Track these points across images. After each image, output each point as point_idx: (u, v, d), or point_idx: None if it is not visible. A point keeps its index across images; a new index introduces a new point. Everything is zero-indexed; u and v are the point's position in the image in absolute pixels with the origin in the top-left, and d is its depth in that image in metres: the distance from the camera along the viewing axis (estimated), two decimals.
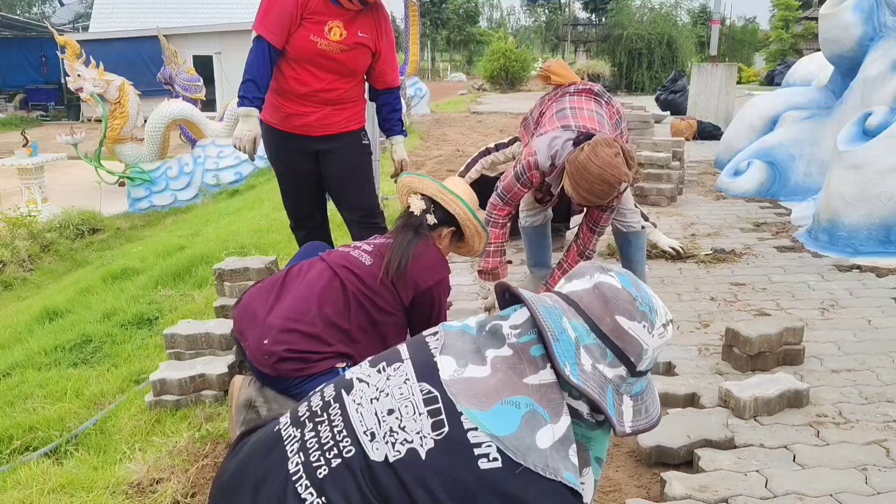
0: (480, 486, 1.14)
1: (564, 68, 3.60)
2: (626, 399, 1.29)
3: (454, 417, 1.19)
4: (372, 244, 2.36)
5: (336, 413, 1.30)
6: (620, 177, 2.74)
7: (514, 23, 56.84)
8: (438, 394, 1.24)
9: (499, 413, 1.19)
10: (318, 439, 1.28)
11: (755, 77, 26.31)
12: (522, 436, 1.17)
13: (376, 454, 1.21)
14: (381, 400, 1.27)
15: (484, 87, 25.96)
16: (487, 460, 1.15)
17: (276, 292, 2.25)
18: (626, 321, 1.27)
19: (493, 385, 1.23)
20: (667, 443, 2.24)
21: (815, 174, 5.58)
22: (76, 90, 9.61)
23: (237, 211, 7.62)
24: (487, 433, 1.17)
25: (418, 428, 1.21)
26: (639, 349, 1.28)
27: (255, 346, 2.14)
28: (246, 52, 3.01)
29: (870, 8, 5.35)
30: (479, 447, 1.16)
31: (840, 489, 2.02)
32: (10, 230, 7.52)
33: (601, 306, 1.28)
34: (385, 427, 1.23)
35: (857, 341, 3.07)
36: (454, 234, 2.46)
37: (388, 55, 3.22)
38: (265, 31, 2.95)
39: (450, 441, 1.18)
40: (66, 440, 2.59)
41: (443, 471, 1.16)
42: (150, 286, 4.52)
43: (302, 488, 1.23)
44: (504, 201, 3.17)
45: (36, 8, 46.57)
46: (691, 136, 9.17)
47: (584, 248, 3.22)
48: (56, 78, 21.83)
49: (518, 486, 1.14)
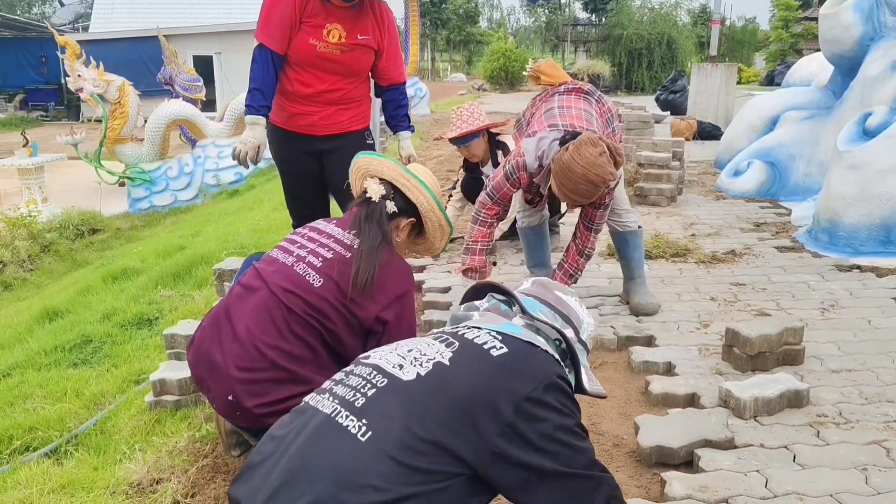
0: (497, 367, 1.41)
1: (554, 68, 3.60)
2: (583, 359, 1.60)
3: (461, 337, 1.49)
4: (320, 256, 2.01)
5: (361, 367, 1.48)
6: (605, 176, 2.73)
7: (513, 23, 56.85)
8: (444, 333, 1.53)
9: (506, 326, 1.52)
10: (349, 385, 1.44)
11: (755, 77, 26.31)
12: (527, 334, 1.51)
13: (408, 375, 1.40)
14: (398, 348, 1.51)
15: (484, 87, 25.96)
16: (497, 350, 1.44)
17: (224, 329, 1.97)
18: (563, 295, 1.67)
19: (490, 318, 1.57)
20: (667, 443, 2.24)
21: (815, 174, 5.58)
22: (76, 90, 9.60)
23: (237, 211, 7.63)
24: (502, 332, 1.48)
25: (436, 350, 1.46)
26: (577, 317, 1.64)
27: (222, 401, 1.93)
28: (246, 53, 3.02)
29: (870, 8, 5.35)
30: (486, 343, 1.45)
31: (840, 489, 2.02)
32: (10, 230, 7.52)
33: (542, 288, 1.67)
34: (409, 357, 1.45)
35: (857, 341, 3.07)
36: (413, 226, 2.18)
37: (392, 52, 3.19)
38: (266, 39, 2.96)
39: (463, 347, 1.45)
40: (66, 440, 2.59)
41: (465, 367, 1.41)
42: (150, 286, 4.52)
43: (342, 418, 1.36)
44: (493, 200, 3.17)
45: (36, 8, 46.58)
46: (691, 136, 9.17)
47: (582, 247, 3.22)
48: (56, 78, 21.84)
49: (529, 359, 1.45)
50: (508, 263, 4.24)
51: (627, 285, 3.53)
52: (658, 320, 3.32)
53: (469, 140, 4.28)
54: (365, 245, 2.00)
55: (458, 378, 1.38)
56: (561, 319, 1.59)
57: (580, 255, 3.22)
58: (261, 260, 2.13)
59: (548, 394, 1.38)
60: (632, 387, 2.74)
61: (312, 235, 2.10)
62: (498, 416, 1.33)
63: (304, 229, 2.17)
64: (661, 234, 4.66)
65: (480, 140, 4.31)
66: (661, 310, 3.42)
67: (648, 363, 2.87)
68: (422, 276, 3.95)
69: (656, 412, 2.49)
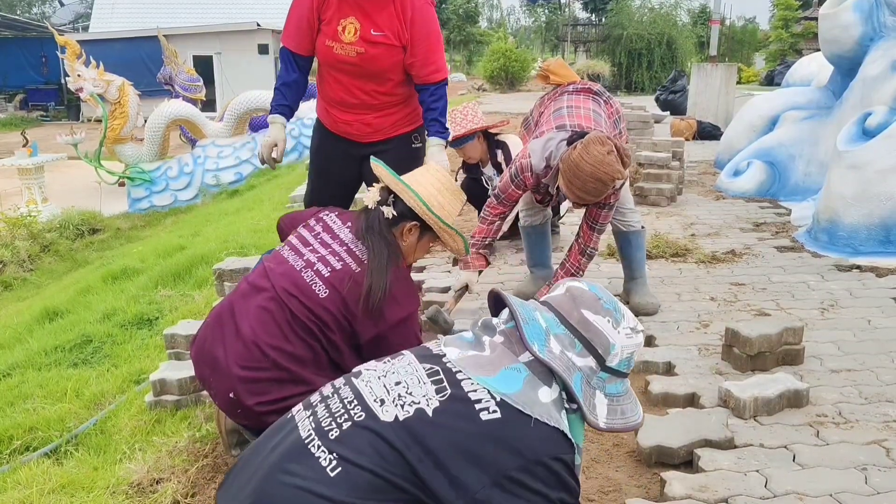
0: (483, 435, 1.30)
1: (564, 67, 3.60)
2: (600, 395, 1.43)
3: (455, 382, 1.37)
4: (329, 265, 2.01)
5: (346, 390, 1.44)
6: (613, 174, 2.74)
7: (513, 23, 56.81)
8: (440, 368, 1.40)
9: (504, 376, 1.37)
10: (329, 410, 1.41)
11: (755, 77, 26.29)
12: (527, 392, 1.35)
13: (386, 415, 1.34)
14: (387, 377, 1.42)
15: (484, 87, 25.92)
16: (488, 413, 1.31)
17: (228, 327, 2.01)
18: (591, 314, 1.44)
19: (494, 357, 1.41)
20: (667, 443, 2.24)
21: (814, 174, 5.58)
22: (76, 90, 9.62)
23: (237, 211, 7.63)
24: (497, 392, 1.33)
25: (423, 392, 1.36)
26: (605, 342, 1.42)
27: (224, 399, 1.97)
28: (246, 53, 3.02)
29: (869, 8, 5.35)
30: (479, 402, 1.33)
31: (840, 489, 2.02)
32: (10, 230, 7.53)
33: (569, 303, 1.46)
34: (393, 394, 1.38)
35: (856, 341, 3.07)
36: (421, 229, 2.16)
37: (421, 46, 2.87)
38: (285, 40, 2.93)
39: (453, 399, 1.34)
40: (66, 440, 2.60)
41: (448, 424, 1.31)
42: (150, 286, 4.52)
43: (314, 448, 1.34)
44: (499, 201, 3.21)
45: (36, 8, 46.55)
46: (691, 136, 9.16)
47: (585, 247, 3.22)
48: (56, 78, 21.83)
49: (520, 432, 1.30)
50: (508, 263, 4.24)
51: (628, 285, 3.54)
52: (658, 320, 3.32)
53: (464, 142, 4.23)
54: (374, 263, 2.00)
55: (437, 434, 1.31)
56: (580, 345, 1.42)
57: (582, 255, 3.22)
58: (271, 256, 2.14)
59: (530, 474, 1.29)
60: (632, 386, 2.74)
61: (325, 239, 2.09)
62: (473, 482, 1.28)
63: (317, 226, 2.15)
64: (661, 234, 4.66)
65: (476, 142, 4.26)
66: (661, 310, 3.42)
67: (648, 363, 2.87)
68: (422, 276, 3.95)
69: (656, 412, 2.49)
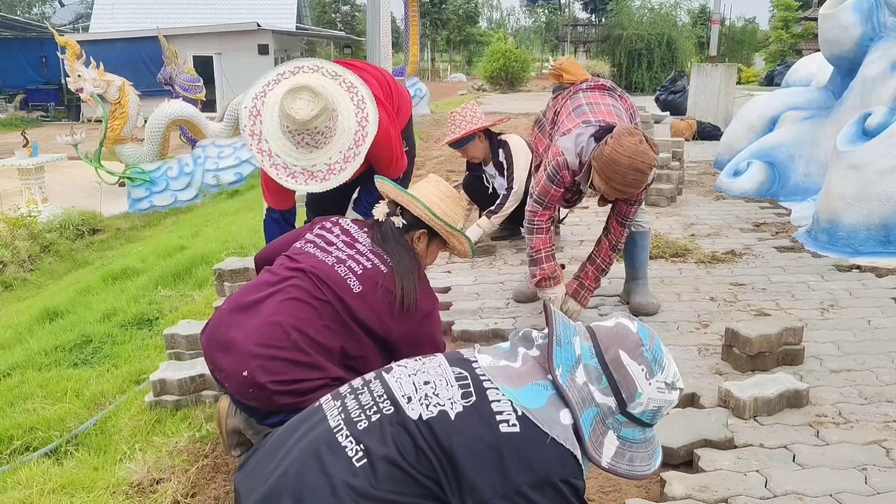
0: (499, 445, 1.34)
1: (576, 66, 3.61)
2: (612, 435, 1.42)
3: (481, 391, 1.41)
4: (360, 264, 2.08)
5: (377, 384, 1.49)
6: (650, 161, 2.75)
7: (513, 23, 56.86)
8: (468, 374, 1.45)
9: (530, 391, 1.41)
10: (359, 402, 1.46)
11: (755, 77, 26.30)
12: (549, 410, 1.39)
13: (412, 413, 1.40)
14: (417, 375, 1.48)
15: (484, 87, 25.94)
16: (507, 425, 1.36)
17: (248, 312, 2.01)
18: (627, 358, 1.42)
19: (524, 371, 1.45)
20: (667, 443, 2.24)
21: (814, 174, 5.58)
22: (76, 91, 9.61)
23: (237, 211, 7.63)
24: (520, 405, 1.38)
25: (450, 395, 1.41)
26: (633, 388, 1.41)
27: (236, 379, 1.94)
28: (246, 53, 2.99)
29: (869, 8, 5.35)
30: (500, 414, 1.37)
31: (840, 489, 2.02)
32: (10, 230, 7.52)
33: (611, 338, 1.45)
34: (421, 393, 1.43)
35: (856, 341, 3.07)
36: (429, 236, 2.25)
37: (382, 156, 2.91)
38: (270, 201, 2.99)
39: (476, 407, 1.39)
40: (66, 440, 2.60)
41: (467, 430, 1.36)
42: (150, 286, 4.53)
43: (342, 437, 1.40)
44: (543, 206, 3.15)
45: (36, 8, 46.51)
46: (691, 136, 9.17)
47: (615, 242, 3.24)
48: (56, 78, 21.81)
49: (536, 449, 1.34)
50: (508, 263, 4.25)
51: (629, 285, 3.54)
52: (658, 320, 3.32)
53: (466, 143, 4.31)
54: (400, 267, 2.08)
55: (457, 437, 1.36)
56: (607, 383, 1.41)
57: (612, 250, 3.25)
58: (290, 252, 2.16)
59: (540, 493, 1.32)
60: None
61: (347, 240, 2.16)
62: (486, 489, 1.32)
63: (335, 228, 2.20)
64: (661, 234, 4.66)
65: (477, 142, 4.34)
66: (661, 310, 3.42)
67: None
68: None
69: None
